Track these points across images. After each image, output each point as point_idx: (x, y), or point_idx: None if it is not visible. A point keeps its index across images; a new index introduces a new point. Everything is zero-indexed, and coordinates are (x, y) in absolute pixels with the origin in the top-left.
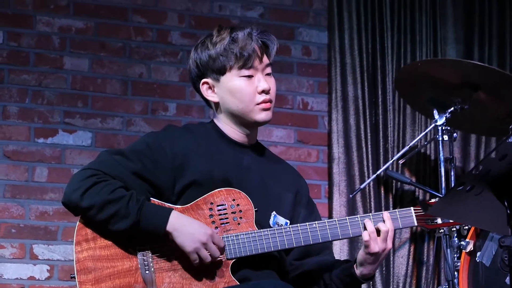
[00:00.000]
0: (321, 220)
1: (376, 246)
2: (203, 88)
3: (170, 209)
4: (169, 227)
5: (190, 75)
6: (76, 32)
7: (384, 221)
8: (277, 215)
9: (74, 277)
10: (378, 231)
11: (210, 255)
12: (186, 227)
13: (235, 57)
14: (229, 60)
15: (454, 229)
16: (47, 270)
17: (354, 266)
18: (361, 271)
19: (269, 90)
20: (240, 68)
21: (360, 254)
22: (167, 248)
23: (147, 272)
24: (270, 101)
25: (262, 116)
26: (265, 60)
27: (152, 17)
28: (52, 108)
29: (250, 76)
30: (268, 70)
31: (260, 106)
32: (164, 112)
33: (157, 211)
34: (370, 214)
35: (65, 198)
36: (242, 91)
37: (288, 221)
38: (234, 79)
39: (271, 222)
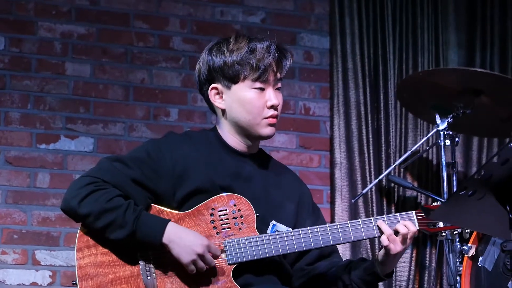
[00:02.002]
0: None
1: (397, 247)
2: (211, 93)
3: (167, 220)
4: (165, 239)
5: (198, 77)
6: (78, 38)
7: (401, 223)
8: (277, 224)
9: (76, 284)
10: (396, 232)
11: (206, 265)
12: (182, 239)
13: (251, 68)
14: (244, 70)
15: (456, 232)
16: (50, 275)
17: (376, 264)
18: (382, 269)
19: (278, 105)
20: (255, 80)
21: (381, 255)
22: (169, 254)
23: (148, 278)
24: (277, 116)
25: (267, 131)
26: (278, 75)
27: (154, 22)
28: (54, 113)
29: (262, 89)
30: (279, 85)
31: (267, 120)
32: (166, 118)
33: (154, 222)
34: (371, 218)
35: (64, 205)
36: (252, 103)
37: (290, 229)
38: (246, 90)
39: (269, 231)
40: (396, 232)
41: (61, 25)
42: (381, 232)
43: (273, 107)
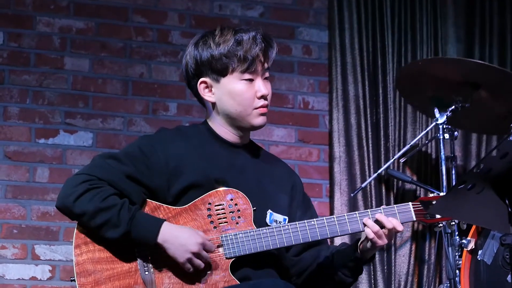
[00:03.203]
0: (317, 215)
1: (383, 241)
2: (201, 87)
3: (162, 220)
4: (160, 239)
5: (186, 71)
6: (77, 33)
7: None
8: (273, 213)
9: (74, 280)
10: (382, 226)
11: (203, 262)
12: (176, 238)
13: (239, 60)
14: (232, 62)
15: (453, 223)
16: (49, 270)
17: (357, 250)
18: (364, 255)
19: (267, 95)
20: (243, 72)
21: (364, 245)
22: (165, 253)
23: (146, 273)
24: (267, 106)
25: (259, 120)
26: (265, 64)
27: (152, 17)
28: (53, 108)
29: (250, 80)
30: (267, 74)
31: (258, 110)
32: (164, 112)
33: (148, 222)
34: (368, 210)
35: (59, 203)
36: (243, 94)
37: (287, 218)
38: (235, 82)
39: (267, 220)
40: (382, 226)
41: (59, 20)
42: (368, 228)
43: (263, 97)
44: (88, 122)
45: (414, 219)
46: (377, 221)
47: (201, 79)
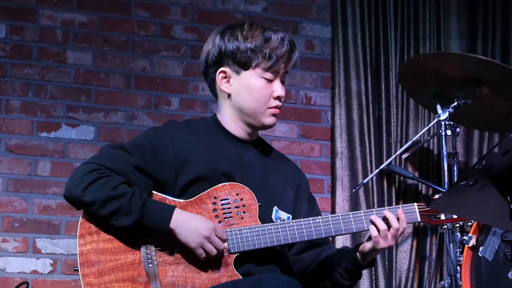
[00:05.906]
0: (321, 215)
1: (386, 243)
2: (219, 77)
3: (173, 207)
4: (172, 224)
5: (206, 59)
6: (79, 26)
7: (397, 218)
8: (279, 210)
9: (77, 270)
10: (388, 226)
11: (215, 248)
12: (188, 223)
13: (264, 57)
14: (256, 58)
15: (457, 225)
16: (50, 264)
17: (357, 253)
18: (364, 258)
19: (283, 97)
20: (266, 69)
21: (366, 247)
22: (171, 242)
23: (150, 265)
24: (280, 107)
25: (270, 120)
26: (286, 67)
27: (155, 11)
28: (55, 102)
29: (270, 79)
30: (285, 78)
31: (271, 110)
32: (167, 107)
33: (160, 209)
34: (373, 209)
35: (67, 192)
36: (261, 91)
37: (291, 216)
38: (256, 78)
39: (273, 216)
40: (389, 227)
41: (62, 13)
42: (375, 226)
43: (278, 97)
44: (90, 116)
45: (419, 219)
46: (384, 219)
47: (221, 69)
